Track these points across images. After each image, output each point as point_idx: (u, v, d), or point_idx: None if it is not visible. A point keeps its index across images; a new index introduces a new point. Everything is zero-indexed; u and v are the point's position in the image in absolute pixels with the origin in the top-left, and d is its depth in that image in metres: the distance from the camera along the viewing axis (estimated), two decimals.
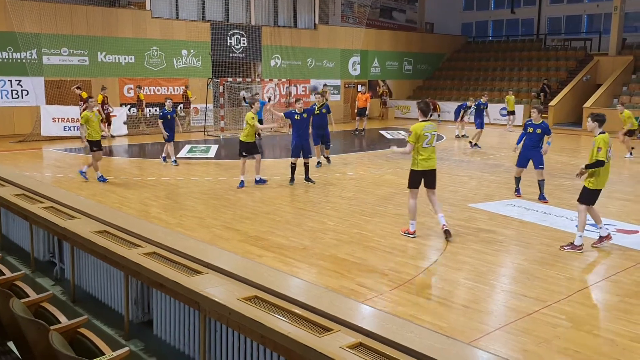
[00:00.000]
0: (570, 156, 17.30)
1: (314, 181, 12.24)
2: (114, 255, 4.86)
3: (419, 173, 8.05)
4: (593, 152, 7.50)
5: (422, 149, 7.92)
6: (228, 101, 23.71)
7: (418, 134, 7.86)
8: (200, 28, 24.03)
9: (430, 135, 7.91)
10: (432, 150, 8.01)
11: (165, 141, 14.53)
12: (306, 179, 12.21)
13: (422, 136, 7.85)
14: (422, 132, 7.86)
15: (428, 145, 7.92)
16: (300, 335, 3.20)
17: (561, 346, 4.93)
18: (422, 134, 7.85)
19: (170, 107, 14.51)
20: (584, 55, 30.04)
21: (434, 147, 8.05)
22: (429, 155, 7.99)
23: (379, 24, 33.00)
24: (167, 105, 14.52)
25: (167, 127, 14.29)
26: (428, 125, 7.92)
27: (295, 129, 12.17)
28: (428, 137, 7.88)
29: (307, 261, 7.18)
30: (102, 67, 21.64)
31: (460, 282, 6.52)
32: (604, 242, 7.81)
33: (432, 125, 7.97)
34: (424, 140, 7.87)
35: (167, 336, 4.65)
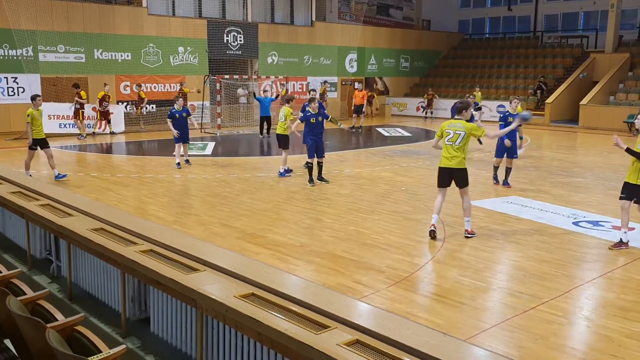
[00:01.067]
0: (566, 153, 17.34)
1: (327, 180, 12.12)
2: (111, 253, 4.86)
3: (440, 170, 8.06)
4: (636, 144, 7.58)
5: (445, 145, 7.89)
6: (225, 98, 23.68)
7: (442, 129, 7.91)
8: (196, 25, 23.98)
9: (453, 133, 7.78)
10: (454, 148, 7.81)
11: (175, 142, 13.78)
12: (319, 178, 12.07)
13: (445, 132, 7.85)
14: (446, 127, 7.86)
15: (451, 143, 7.81)
16: (297, 332, 3.20)
17: (557, 343, 4.95)
18: (445, 130, 7.85)
19: (180, 106, 13.79)
20: (580, 53, 30.08)
21: (458, 145, 7.79)
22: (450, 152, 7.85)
23: (375, 21, 32.98)
24: (176, 104, 13.80)
25: (176, 126, 13.58)
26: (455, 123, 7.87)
27: (309, 129, 11.87)
28: (450, 134, 7.80)
29: (304, 258, 7.19)
30: (99, 64, 21.58)
31: (456, 279, 6.53)
32: (622, 247, 7.60)
33: (460, 124, 7.82)
34: (447, 136, 7.83)
35: (164, 334, 4.64)
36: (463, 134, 7.68)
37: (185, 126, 13.83)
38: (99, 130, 20.50)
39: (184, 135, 13.79)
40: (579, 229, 8.59)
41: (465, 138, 7.70)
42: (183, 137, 13.76)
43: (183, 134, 13.74)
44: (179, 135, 13.62)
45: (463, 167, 7.83)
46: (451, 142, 7.76)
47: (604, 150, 17.71)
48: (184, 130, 13.74)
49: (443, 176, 7.97)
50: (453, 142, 7.75)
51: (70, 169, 13.95)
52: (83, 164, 15.00)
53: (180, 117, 13.70)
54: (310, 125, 11.80)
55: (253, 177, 12.74)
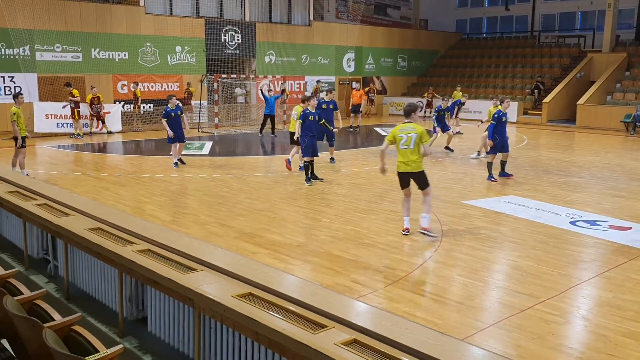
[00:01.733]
0: (563, 153, 17.37)
1: (322, 178, 12.21)
2: (108, 253, 4.85)
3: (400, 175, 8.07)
4: None
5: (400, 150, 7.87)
6: (222, 98, 23.66)
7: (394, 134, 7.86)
8: (194, 24, 23.96)
9: (407, 137, 7.76)
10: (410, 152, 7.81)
11: (169, 142, 13.74)
12: (313, 176, 12.09)
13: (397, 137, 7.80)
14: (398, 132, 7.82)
15: (406, 147, 7.79)
16: (294, 332, 3.21)
17: (555, 342, 4.96)
18: (397, 135, 7.81)
19: (174, 105, 13.55)
20: (577, 52, 30.13)
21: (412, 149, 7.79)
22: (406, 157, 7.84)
23: (373, 20, 32.99)
24: (170, 103, 13.56)
25: (172, 126, 13.42)
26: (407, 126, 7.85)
27: (307, 128, 11.75)
28: (404, 138, 7.77)
29: (301, 258, 7.19)
30: (96, 63, 21.54)
31: (454, 278, 6.54)
32: None
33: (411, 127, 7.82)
34: (400, 141, 7.80)
35: (162, 333, 4.64)
36: (415, 136, 7.71)
37: (180, 125, 13.68)
38: (96, 130, 20.47)
39: (179, 134, 13.67)
40: (576, 229, 8.60)
41: (417, 140, 7.72)
42: (178, 136, 13.65)
43: (178, 134, 13.62)
44: (174, 136, 13.50)
45: (421, 169, 7.90)
46: (406, 145, 7.74)
47: (601, 149, 17.75)
48: (178, 130, 13.60)
49: (404, 180, 8.04)
50: (408, 146, 7.74)
51: (68, 168, 13.93)
52: (80, 163, 14.97)
53: (175, 115, 13.50)
54: (308, 123, 11.73)
55: (251, 177, 12.74)
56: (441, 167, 14.32)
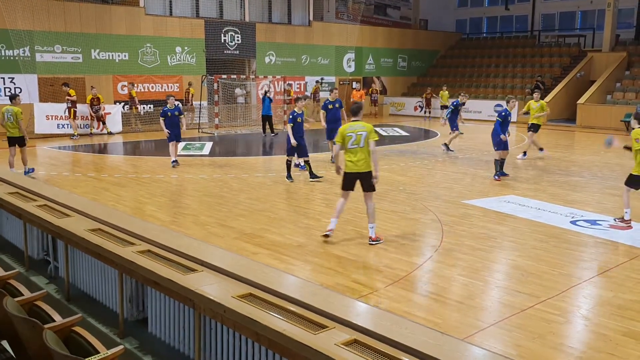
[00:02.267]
0: (564, 152, 17.36)
1: (321, 176, 12.35)
2: (109, 254, 4.85)
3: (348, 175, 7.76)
4: (633, 144, 8.84)
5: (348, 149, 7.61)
6: (222, 98, 23.66)
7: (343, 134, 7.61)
8: (194, 25, 23.97)
9: (355, 135, 7.52)
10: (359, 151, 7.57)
11: (169, 141, 13.85)
12: (313, 176, 12.22)
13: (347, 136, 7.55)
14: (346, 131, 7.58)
15: (355, 146, 7.55)
16: (295, 332, 3.20)
17: (555, 342, 4.96)
18: (346, 134, 7.57)
19: (172, 105, 13.76)
20: (577, 52, 30.12)
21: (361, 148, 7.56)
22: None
23: (373, 20, 33.00)
24: (169, 103, 13.74)
25: (169, 125, 13.59)
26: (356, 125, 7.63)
27: (295, 130, 11.88)
28: (353, 137, 7.54)
29: (302, 258, 7.19)
30: (96, 64, 21.55)
31: (454, 278, 6.54)
32: (622, 224, 8.63)
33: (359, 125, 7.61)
34: (349, 140, 7.55)
35: (162, 334, 4.64)
36: (365, 134, 7.53)
37: (178, 125, 13.86)
38: (96, 131, 20.48)
39: (177, 134, 13.85)
40: (577, 228, 8.60)
41: (367, 138, 7.53)
42: (175, 135, 13.82)
43: (175, 133, 13.80)
44: (170, 134, 13.68)
45: (369, 170, 7.65)
46: (355, 144, 7.53)
47: (602, 149, 17.73)
48: (176, 129, 13.78)
49: (349, 181, 7.76)
50: (357, 144, 7.53)
51: (68, 169, 13.94)
52: (80, 164, 14.97)
53: (173, 115, 13.71)
54: (296, 124, 11.91)
55: (251, 177, 12.74)
56: (441, 166, 14.32)
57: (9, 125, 12.11)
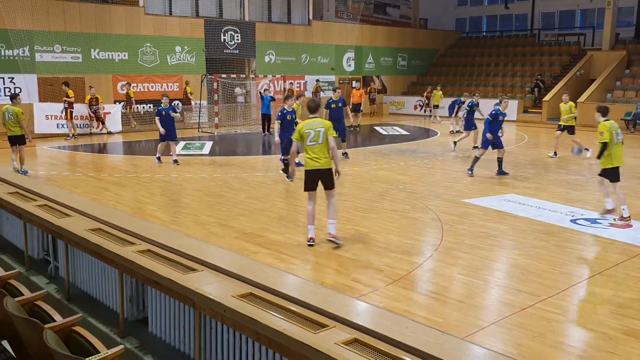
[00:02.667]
0: (563, 151, 17.33)
1: None
2: (109, 253, 4.86)
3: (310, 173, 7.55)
4: (598, 137, 9.20)
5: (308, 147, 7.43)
6: (222, 98, 23.66)
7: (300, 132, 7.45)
8: (193, 24, 23.96)
9: (314, 132, 7.36)
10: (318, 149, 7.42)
11: (160, 140, 14.08)
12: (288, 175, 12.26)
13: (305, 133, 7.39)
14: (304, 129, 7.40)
15: (314, 143, 7.39)
16: (295, 331, 3.21)
17: (556, 340, 4.96)
18: (304, 131, 7.39)
19: (166, 104, 13.93)
20: (577, 50, 30.11)
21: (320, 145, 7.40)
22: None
23: (373, 19, 32.98)
24: (163, 102, 13.94)
25: (164, 124, 13.76)
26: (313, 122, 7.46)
27: (283, 127, 12.04)
28: (311, 134, 7.37)
29: (302, 257, 7.19)
30: (96, 64, 21.55)
31: (454, 277, 6.54)
32: (608, 215, 9.09)
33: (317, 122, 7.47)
34: (307, 137, 7.39)
35: (162, 333, 4.65)
36: (323, 130, 7.38)
37: (172, 124, 14.02)
38: (96, 130, 20.48)
39: (171, 133, 14.00)
40: (577, 227, 8.60)
41: (325, 134, 7.39)
42: (170, 135, 13.96)
43: (170, 132, 13.95)
44: (165, 134, 13.87)
45: (330, 167, 7.50)
46: (314, 141, 7.37)
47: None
48: (170, 129, 13.94)
49: (312, 179, 7.56)
50: (316, 141, 7.38)
51: (68, 169, 13.94)
52: (80, 164, 14.97)
53: (167, 114, 13.89)
54: (286, 122, 12.06)
55: (251, 177, 12.74)
56: (441, 165, 14.32)
57: (10, 124, 12.25)
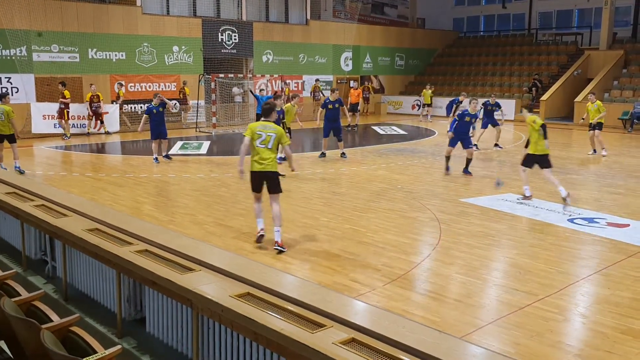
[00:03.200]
0: (562, 150, 17.36)
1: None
2: (106, 253, 4.85)
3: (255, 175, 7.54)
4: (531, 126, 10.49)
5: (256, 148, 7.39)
6: (220, 97, 23.64)
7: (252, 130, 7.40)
8: (191, 24, 23.93)
9: (265, 135, 7.33)
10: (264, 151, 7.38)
11: (152, 138, 14.24)
12: None
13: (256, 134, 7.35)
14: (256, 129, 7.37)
15: (263, 146, 7.35)
16: (293, 331, 3.21)
17: (553, 339, 4.97)
18: (256, 132, 7.35)
19: (157, 102, 13.96)
20: (575, 50, 30.13)
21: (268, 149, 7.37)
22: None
23: (370, 19, 32.96)
24: (154, 101, 14.02)
25: (155, 123, 13.89)
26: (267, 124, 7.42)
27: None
28: (262, 137, 7.33)
29: (300, 257, 7.19)
30: (93, 63, 21.49)
31: (452, 276, 6.54)
32: (526, 201, 10.21)
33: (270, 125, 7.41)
34: (258, 138, 7.34)
35: (160, 334, 4.65)
36: (274, 136, 7.35)
37: (162, 123, 14.15)
38: (94, 130, 20.45)
39: (162, 131, 14.14)
40: (574, 226, 8.61)
41: (275, 140, 7.36)
42: (162, 133, 14.12)
43: (159, 131, 14.08)
44: (153, 132, 14.02)
45: (275, 170, 7.53)
46: (264, 144, 7.35)
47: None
48: (160, 127, 14.06)
49: (256, 180, 7.58)
50: (266, 145, 7.36)
51: (65, 169, 13.93)
52: (78, 164, 14.95)
53: (158, 112, 14.00)
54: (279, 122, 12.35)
55: (248, 176, 12.70)
56: (439, 165, 14.31)
57: (0, 123, 12.37)
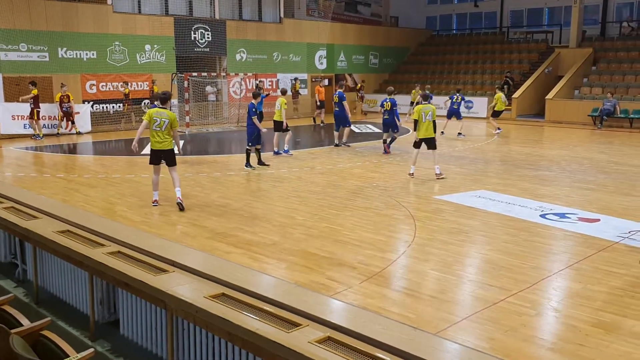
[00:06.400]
0: (533, 147, 17.63)
1: (269, 164, 13.76)
2: (78, 255, 4.78)
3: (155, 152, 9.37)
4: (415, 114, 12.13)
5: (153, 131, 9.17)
6: (193, 96, 23.47)
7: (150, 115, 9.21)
8: (163, 22, 23.70)
9: (160, 120, 9.11)
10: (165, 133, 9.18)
11: None
12: (260, 162, 13.67)
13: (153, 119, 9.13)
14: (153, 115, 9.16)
15: (158, 129, 9.14)
16: (268, 331, 3.19)
17: (527, 334, 5.03)
18: (153, 117, 9.13)
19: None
20: (545, 48, 30.60)
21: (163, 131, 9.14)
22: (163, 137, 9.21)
23: (344, 17, 33.02)
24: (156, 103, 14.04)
25: None
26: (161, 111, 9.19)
27: (253, 120, 13.20)
28: (157, 121, 9.11)
29: (276, 257, 7.17)
30: (63, 63, 21.14)
31: (427, 273, 6.59)
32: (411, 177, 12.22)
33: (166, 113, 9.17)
34: (154, 123, 9.12)
35: (134, 336, 4.59)
36: (167, 122, 9.17)
37: None
38: (64, 131, 20.12)
39: None
40: (546, 222, 8.74)
41: (169, 125, 9.18)
42: None
43: None
44: None
45: (170, 148, 9.34)
46: (159, 127, 9.16)
47: (570, 143, 18.08)
48: None
49: (156, 156, 9.39)
50: (160, 128, 9.17)
51: (36, 170, 13.67)
52: (48, 165, 14.69)
53: None
54: (254, 115, 13.26)
55: (224, 176, 12.66)
56: None
57: None
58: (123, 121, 21.97)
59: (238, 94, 25.63)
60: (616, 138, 19.84)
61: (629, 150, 16.50)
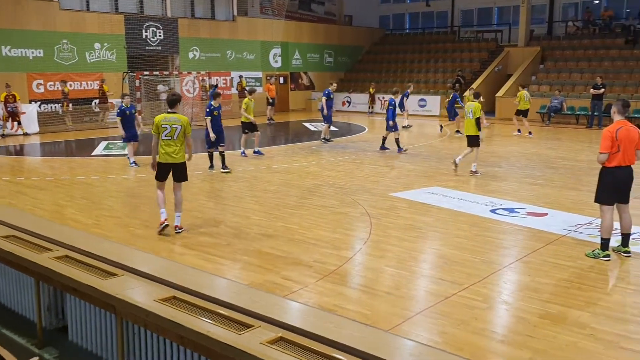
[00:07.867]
0: (483, 144, 17.99)
1: (230, 170, 12.90)
2: (23, 261, 4.63)
3: (162, 165, 7.86)
4: None
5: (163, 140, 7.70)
6: (145, 95, 23.04)
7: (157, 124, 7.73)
8: (113, 20, 23.17)
9: (170, 127, 7.65)
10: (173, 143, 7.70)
11: (123, 141, 13.83)
12: (224, 167, 12.85)
13: (161, 127, 7.67)
14: (161, 123, 7.69)
15: (169, 138, 7.68)
16: (219, 333, 3.17)
17: (478, 327, 5.14)
18: (161, 125, 7.68)
19: (128, 103, 13.49)
20: (495, 47, 31.30)
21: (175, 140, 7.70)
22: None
23: (298, 16, 33.01)
24: (124, 101, 13.51)
25: (125, 124, 13.33)
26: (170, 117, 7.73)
27: (213, 122, 12.66)
28: (167, 129, 7.66)
29: (230, 257, 7.11)
30: (8, 61, 20.44)
31: (382, 269, 6.65)
32: None
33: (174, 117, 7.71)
34: (164, 131, 7.68)
35: (84, 341, 4.48)
36: (180, 128, 7.62)
37: (134, 124, 13.70)
38: (9, 131, 19.45)
39: (133, 133, 13.62)
40: (496, 217, 8.95)
41: (182, 132, 7.64)
42: (132, 135, 13.58)
43: (132, 133, 13.56)
44: (127, 134, 13.48)
45: (183, 161, 7.84)
46: (169, 136, 7.62)
47: (520, 140, 18.55)
48: (132, 129, 13.57)
49: (164, 171, 7.88)
50: (171, 137, 7.62)
51: None
52: None
53: (130, 114, 13.54)
54: (214, 117, 12.64)
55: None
56: (370, 160, 14.53)
57: None
58: (69, 118, 21.35)
59: (191, 92, 25.30)
60: (563, 134, 20.47)
61: (575, 146, 17.05)
